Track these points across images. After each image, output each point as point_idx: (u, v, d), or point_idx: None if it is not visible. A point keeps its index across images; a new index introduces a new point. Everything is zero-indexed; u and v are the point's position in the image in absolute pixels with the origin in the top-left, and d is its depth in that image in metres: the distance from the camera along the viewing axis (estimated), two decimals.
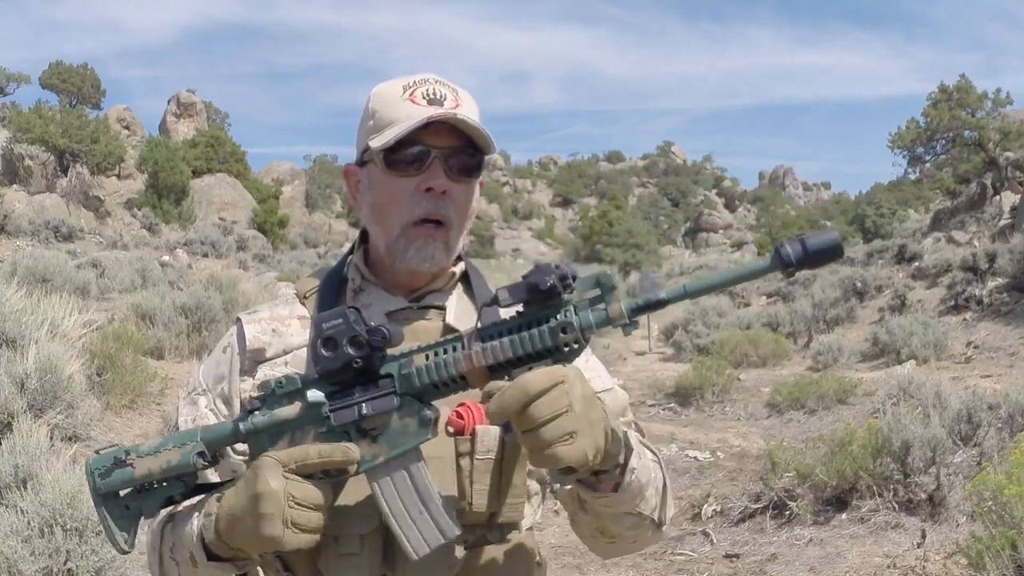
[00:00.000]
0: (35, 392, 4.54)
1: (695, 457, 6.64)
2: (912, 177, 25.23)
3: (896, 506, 4.54)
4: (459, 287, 1.25)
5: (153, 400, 6.26)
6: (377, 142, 1.13)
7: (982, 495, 3.64)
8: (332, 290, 1.21)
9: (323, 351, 0.95)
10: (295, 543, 0.94)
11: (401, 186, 1.14)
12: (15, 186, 25.81)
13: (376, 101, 1.17)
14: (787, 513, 4.87)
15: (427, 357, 0.96)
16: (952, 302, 11.90)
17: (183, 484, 1.02)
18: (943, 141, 21.48)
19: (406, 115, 1.11)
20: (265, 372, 1.15)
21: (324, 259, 27.85)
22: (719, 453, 6.79)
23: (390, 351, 0.97)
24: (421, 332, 1.16)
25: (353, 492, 1.04)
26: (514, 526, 1.13)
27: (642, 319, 0.96)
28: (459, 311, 1.20)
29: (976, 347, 9.78)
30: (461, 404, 1.04)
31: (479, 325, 0.94)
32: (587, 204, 68.21)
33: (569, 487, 1.04)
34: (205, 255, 21.85)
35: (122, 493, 1.03)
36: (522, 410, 0.88)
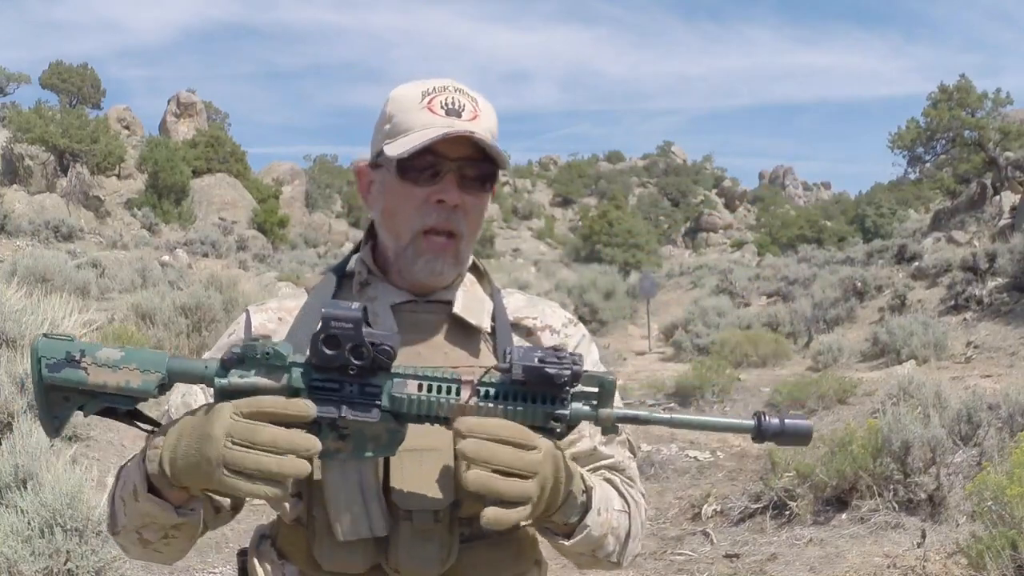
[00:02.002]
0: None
1: (695, 457, 6.64)
2: (912, 177, 25.20)
3: (896, 506, 4.54)
4: (468, 278, 1.25)
5: (153, 400, 6.25)
6: (392, 150, 1.11)
7: (982, 495, 3.64)
8: (335, 282, 1.22)
9: (324, 347, 0.94)
10: (232, 486, 0.90)
11: (413, 195, 1.13)
12: (15, 186, 25.81)
13: (394, 105, 1.15)
14: (787, 513, 4.87)
15: (420, 387, 0.96)
16: (952, 302, 11.89)
17: (132, 402, 1.00)
18: (943, 141, 21.47)
19: (422, 124, 1.10)
20: None
21: (324, 259, 27.85)
22: (719, 453, 6.80)
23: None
24: (424, 326, 1.17)
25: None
26: None
27: (642, 320, 0.99)
28: (467, 301, 1.20)
29: (976, 347, 9.78)
30: None
31: (480, 379, 0.97)
32: (587, 204, 68.18)
33: None
34: (205, 255, 21.85)
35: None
36: (490, 445, 0.92)
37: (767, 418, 0.98)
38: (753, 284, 20.66)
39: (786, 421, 0.98)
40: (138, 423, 1.05)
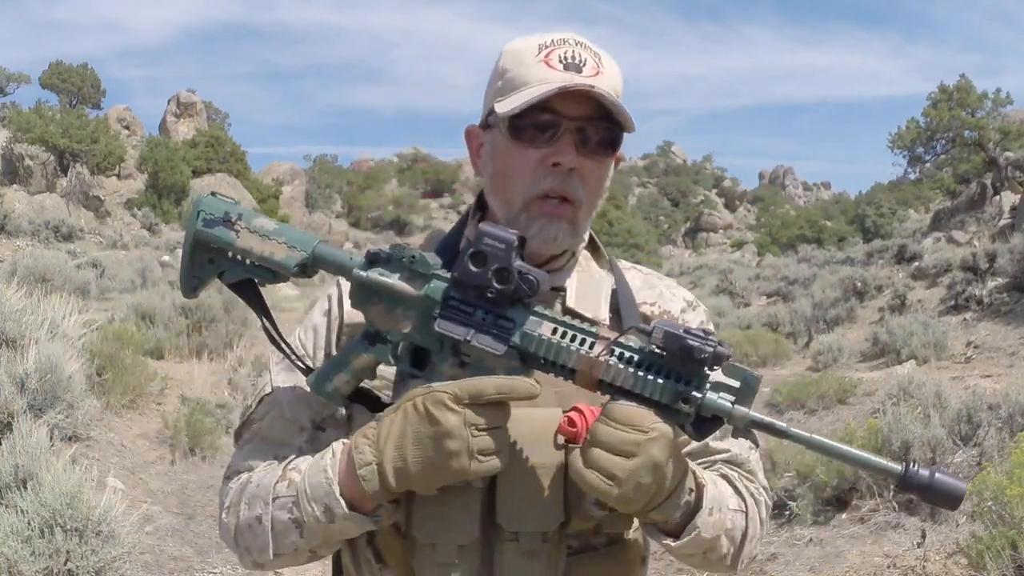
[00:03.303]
0: (35, 392, 4.54)
1: None
2: (912, 177, 25.22)
3: (896, 506, 4.53)
4: (583, 258, 1.16)
5: (153, 400, 6.25)
6: (503, 107, 1.03)
7: (982, 495, 3.64)
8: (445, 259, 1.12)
9: (469, 263, 0.91)
10: (483, 471, 0.90)
11: (526, 156, 1.04)
12: (15, 186, 25.80)
13: (508, 59, 1.07)
14: (787, 513, 4.87)
15: (555, 331, 0.92)
16: (952, 302, 11.88)
17: (272, 277, 1.02)
18: (943, 141, 21.47)
19: (539, 79, 1.02)
20: None
21: None
22: None
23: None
24: None
25: (457, 503, 1.00)
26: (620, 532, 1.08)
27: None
28: (580, 290, 1.12)
29: (976, 347, 9.77)
30: (574, 408, 0.98)
31: (617, 337, 0.91)
32: None
33: None
34: None
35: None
36: (598, 427, 0.89)
37: (915, 467, 0.88)
38: (753, 284, 20.65)
39: (936, 476, 0.87)
40: (269, 330, 1.06)
